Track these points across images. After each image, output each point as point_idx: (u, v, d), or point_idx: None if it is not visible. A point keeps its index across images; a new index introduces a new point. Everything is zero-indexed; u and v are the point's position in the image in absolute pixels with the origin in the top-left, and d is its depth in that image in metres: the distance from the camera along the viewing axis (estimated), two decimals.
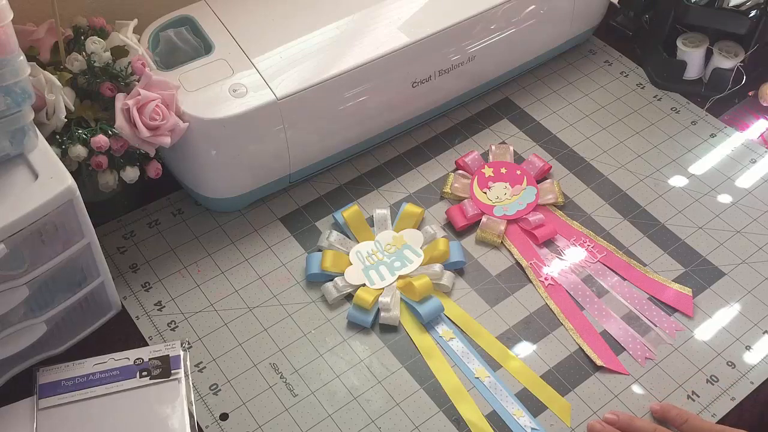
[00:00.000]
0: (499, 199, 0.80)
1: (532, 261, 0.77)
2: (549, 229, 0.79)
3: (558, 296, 0.74)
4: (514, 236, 0.79)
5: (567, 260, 0.77)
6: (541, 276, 0.76)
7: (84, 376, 0.66)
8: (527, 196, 0.81)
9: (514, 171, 0.83)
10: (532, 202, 0.80)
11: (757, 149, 0.89)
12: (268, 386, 0.68)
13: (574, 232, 0.79)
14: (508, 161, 0.84)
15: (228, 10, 0.78)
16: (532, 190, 0.81)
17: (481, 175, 0.82)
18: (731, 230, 0.81)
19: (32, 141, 0.60)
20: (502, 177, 0.82)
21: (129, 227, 0.78)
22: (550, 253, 0.78)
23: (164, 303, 0.73)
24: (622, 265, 0.77)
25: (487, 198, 0.80)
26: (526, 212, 0.80)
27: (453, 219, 0.79)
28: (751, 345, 0.72)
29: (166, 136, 0.69)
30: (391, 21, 0.79)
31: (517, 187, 0.81)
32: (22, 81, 0.56)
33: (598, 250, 0.78)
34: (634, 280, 0.76)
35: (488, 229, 0.78)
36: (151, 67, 0.71)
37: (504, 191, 0.81)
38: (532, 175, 0.82)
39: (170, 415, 0.64)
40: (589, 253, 0.78)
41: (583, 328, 0.72)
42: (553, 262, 0.77)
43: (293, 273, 0.76)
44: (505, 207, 0.80)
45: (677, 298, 0.75)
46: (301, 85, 0.73)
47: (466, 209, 0.79)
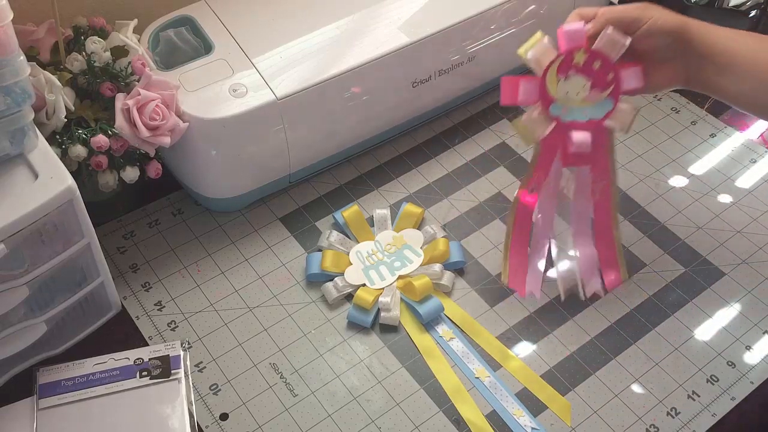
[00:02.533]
0: (567, 97, 0.66)
1: (540, 173, 0.69)
2: (584, 158, 0.68)
3: (522, 216, 0.71)
4: (548, 145, 0.68)
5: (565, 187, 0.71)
6: (530, 186, 0.69)
7: (84, 376, 0.66)
8: (597, 110, 0.67)
9: (606, 74, 0.66)
10: (597, 120, 0.67)
11: (757, 149, 0.89)
12: (268, 386, 0.68)
13: (602, 173, 0.70)
14: (612, 56, 0.65)
15: (228, 10, 0.78)
16: (607, 106, 0.67)
17: (568, 57, 0.65)
18: (731, 230, 0.81)
19: (32, 141, 0.60)
20: (589, 71, 0.66)
21: (129, 227, 0.78)
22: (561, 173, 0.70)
23: (164, 303, 0.73)
24: (601, 221, 0.72)
25: (555, 88, 0.66)
26: (582, 126, 0.67)
27: (503, 90, 0.66)
28: (751, 345, 0.72)
29: (166, 136, 0.69)
30: (391, 21, 0.79)
31: (595, 92, 0.66)
32: (22, 81, 0.56)
33: (601, 194, 0.71)
34: (598, 234, 0.73)
35: (531, 125, 0.67)
36: (151, 67, 0.71)
37: (578, 90, 0.66)
38: (620, 90, 0.66)
39: (170, 415, 0.64)
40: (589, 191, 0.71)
41: (518, 250, 0.71)
42: (551, 182, 0.70)
43: (293, 273, 0.76)
44: (565, 108, 0.66)
45: (610, 271, 0.73)
46: (301, 85, 0.73)
47: (524, 89, 0.66)
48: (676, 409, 0.68)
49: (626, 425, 0.66)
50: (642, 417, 0.67)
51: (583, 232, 0.73)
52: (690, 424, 0.67)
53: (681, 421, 0.67)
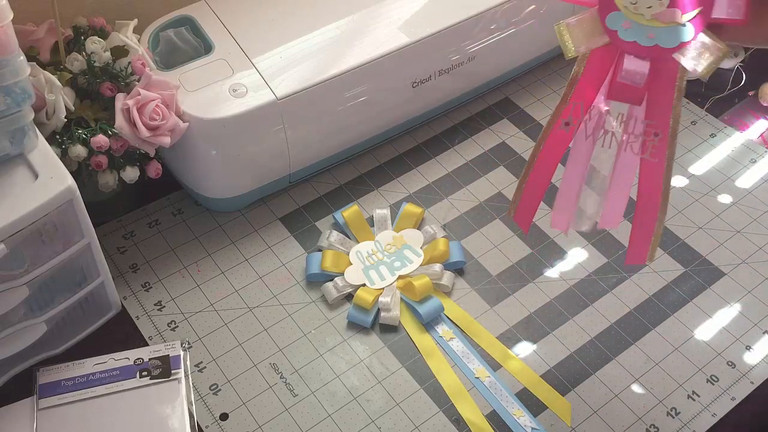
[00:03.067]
0: (635, 8, 0.52)
1: (578, 102, 0.56)
2: (635, 94, 0.54)
3: (549, 152, 0.58)
4: (594, 64, 0.55)
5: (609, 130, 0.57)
6: (565, 117, 0.56)
7: (84, 376, 0.66)
8: (669, 36, 0.52)
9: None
10: (665, 48, 0.52)
11: (757, 149, 0.89)
12: (268, 386, 0.68)
13: (659, 121, 0.56)
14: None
15: (228, 10, 0.78)
16: (684, 33, 0.52)
17: None
18: (731, 230, 0.81)
19: (32, 141, 0.60)
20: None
21: (129, 227, 0.78)
22: (603, 110, 0.57)
23: (164, 303, 0.73)
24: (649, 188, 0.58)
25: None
26: (642, 52, 0.53)
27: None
28: (751, 345, 0.72)
29: (166, 136, 0.69)
30: (391, 21, 0.79)
31: (672, 12, 0.52)
32: (22, 81, 0.56)
33: (652, 151, 0.57)
34: (640, 204, 0.59)
35: (577, 32, 0.54)
36: (151, 67, 0.71)
37: (653, 2, 0.52)
38: (710, 15, 0.51)
39: (170, 415, 0.64)
40: (637, 143, 0.57)
41: (533, 191, 0.60)
42: (595, 118, 0.57)
43: (293, 273, 0.76)
44: (627, 22, 0.53)
45: (637, 246, 0.61)
46: (301, 85, 0.73)
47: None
48: (676, 409, 0.68)
49: (626, 425, 0.66)
50: (642, 417, 0.67)
51: (622, 187, 0.60)
52: (690, 424, 0.67)
53: (681, 421, 0.67)
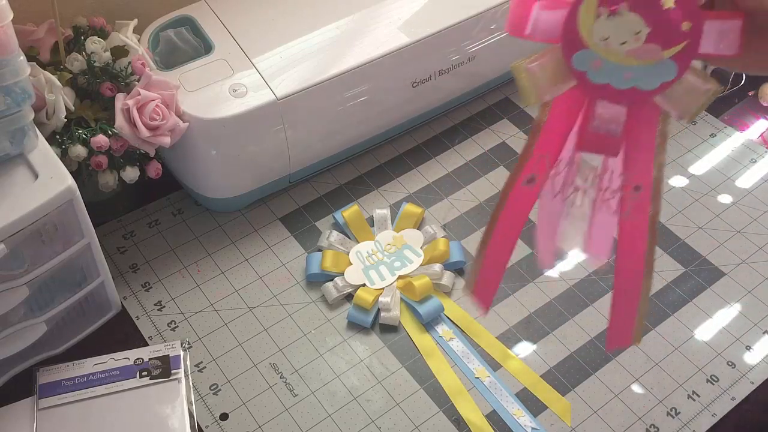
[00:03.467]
0: (606, 44, 0.43)
1: (543, 154, 0.47)
2: (609, 144, 0.46)
3: (512, 214, 0.49)
4: (560, 111, 0.46)
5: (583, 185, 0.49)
6: (528, 173, 0.47)
7: (84, 376, 0.66)
8: (648, 75, 0.43)
9: (679, 19, 0.42)
10: (645, 91, 0.44)
11: (757, 149, 0.89)
12: (268, 386, 0.68)
13: (639, 174, 0.47)
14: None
15: (228, 10, 0.78)
16: (666, 71, 0.43)
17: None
18: (731, 230, 0.81)
19: (32, 141, 0.60)
20: (650, 10, 0.42)
21: (129, 227, 0.78)
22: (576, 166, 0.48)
23: (164, 303, 0.73)
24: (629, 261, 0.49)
25: (589, 27, 0.43)
26: (617, 95, 0.44)
27: (511, 10, 0.44)
28: (751, 345, 0.72)
29: (166, 136, 0.69)
30: (391, 21, 0.79)
31: (651, 47, 0.42)
32: (22, 81, 0.56)
33: (633, 208, 0.48)
34: (618, 273, 0.50)
35: (539, 75, 0.45)
36: (151, 67, 0.71)
37: (626, 36, 0.42)
38: (696, 51, 0.42)
39: (170, 415, 0.64)
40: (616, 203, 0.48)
41: (495, 258, 0.51)
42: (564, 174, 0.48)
43: (293, 273, 0.76)
44: (598, 61, 0.43)
45: (620, 327, 0.51)
46: (301, 85, 0.73)
47: (540, 16, 0.44)
48: (676, 409, 0.68)
49: (626, 425, 0.66)
50: (642, 417, 0.67)
51: (600, 250, 0.52)
52: (690, 424, 0.67)
53: (681, 421, 0.67)
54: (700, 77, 0.44)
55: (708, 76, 0.44)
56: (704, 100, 0.44)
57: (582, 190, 0.49)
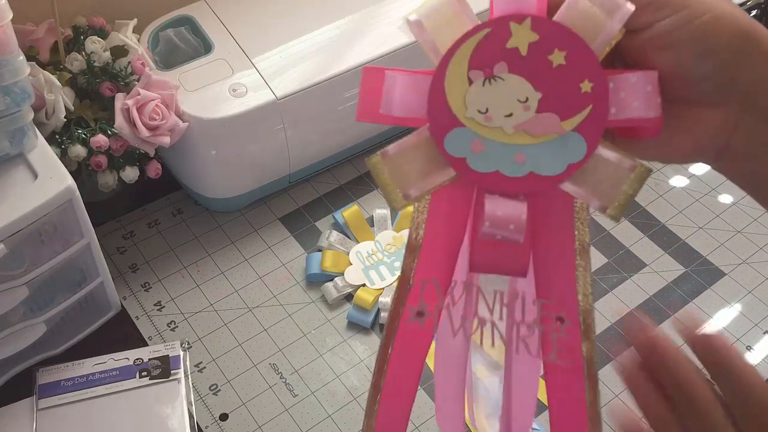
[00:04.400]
0: (488, 119, 0.33)
1: (428, 279, 0.37)
2: (510, 259, 0.35)
3: (404, 354, 0.40)
4: (439, 216, 0.37)
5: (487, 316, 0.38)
6: (415, 304, 0.37)
7: (83, 377, 0.65)
8: (549, 155, 0.33)
9: (577, 80, 0.33)
10: (547, 176, 0.34)
11: None
12: (268, 386, 0.68)
13: (559, 297, 0.37)
14: (593, 40, 0.32)
15: (228, 10, 0.78)
16: (572, 149, 0.33)
17: (500, 33, 0.33)
18: (732, 230, 0.81)
19: (32, 141, 0.60)
20: (540, 72, 0.33)
21: (129, 227, 0.78)
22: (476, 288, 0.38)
23: (164, 303, 0.73)
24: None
25: (462, 98, 0.34)
26: (511, 186, 0.34)
27: (362, 89, 0.36)
28: (752, 345, 0.72)
29: (166, 136, 0.68)
30: (391, 21, 0.79)
31: (547, 118, 0.33)
32: (22, 81, 0.56)
33: (559, 348, 0.37)
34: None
35: (403, 169, 0.36)
36: (151, 66, 0.71)
37: (512, 106, 0.33)
38: (605, 116, 0.33)
39: (170, 415, 0.64)
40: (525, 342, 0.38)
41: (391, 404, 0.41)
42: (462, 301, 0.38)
43: (293, 273, 0.76)
44: (479, 142, 0.33)
45: None
46: (301, 85, 0.73)
47: (397, 90, 0.36)
48: None
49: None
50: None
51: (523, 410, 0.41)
52: None
53: None
54: (620, 153, 0.33)
55: (628, 154, 0.33)
56: (631, 184, 0.33)
57: (489, 324, 0.37)
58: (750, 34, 0.34)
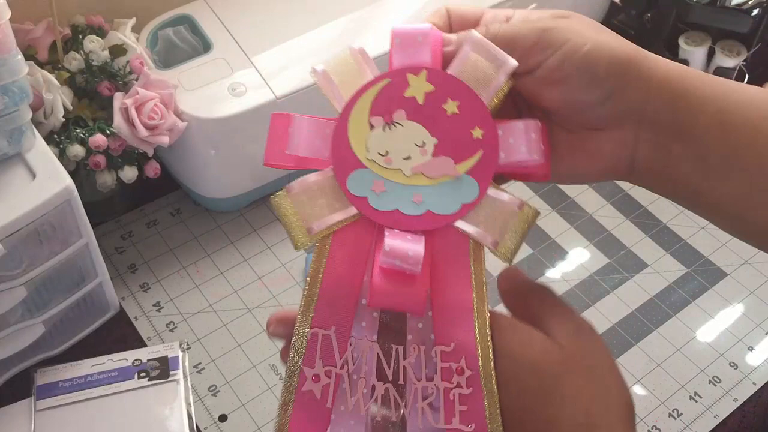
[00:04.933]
0: (388, 161, 0.36)
1: (326, 331, 0.36)
2: (412, 291, 0.35)
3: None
4: (340, 257, 0.37)
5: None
6: (311, 364, 0.36)
7: (82, 378, 0.65)
8: (445, 196, 0.36)
9: (468, 126, 0.36)
10: (442, 215, 0.36)
11: None
12: (267, 387, 0.67)
13: (461, 338, 0.36)
14: (482, 90, 0.36)
15: (227, 9, 0.78)
16: (465, 190, 0.36)
17: (397, 84, 0.38)
18: None
19: (30, 140, 0.60)
20: (435, 119, 0.36)
21: (127, 227, 0.78)
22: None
23: (163, 303, 0.72)
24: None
25: (364, 142, 0.36)
26: (409, 224, 0.36)
27: (270, 135, 0.38)
28: (753, 346, 0.72)
29: (165, 136, 0.68)
30: (391, 20, 0.79)
31: (442, 161, 0.36)
32: (20, 80, 0.56)
33: (462, 410, 0.35)
34: None
35: (306, 207, 0.37)
36: (150, 66, 0.71)
37: (410, 151, 0.36)
38: (494, 161, 0.36)
39: (169, 416, 0.64)
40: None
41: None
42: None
43: (293, 273, 0.75)
44: (379, 184, 0.36)
45: None
46: (300, 84, 0.73)
47: (302, 134, 0.37)
48: (678, 411, 0.67)
49: None
50: (644, 418, 0.67)
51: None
52: (692, 425, 0.66)
53: (683, 422, 0.66)
54: (509, 195, 0.36)
55: (517, 197, 0.35)
56: (519, 225, 0.35)
57: (390, 390, 0.35)
58: (631, 58, 0.37)
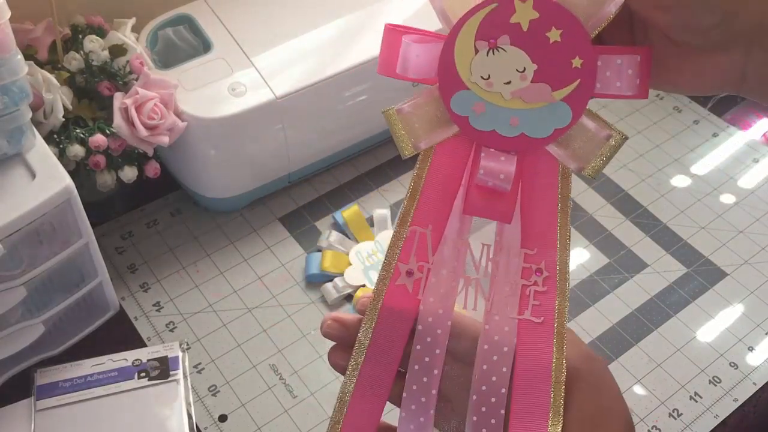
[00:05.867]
0: (489, 84, 0.37)
1: (423, 229, 0.40)
2: (500, 205, 0.38)
3: (386, 330, 0.41)
4: (442, 166, 0.40)
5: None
6: (406, 260, 0.40)
7: (82, 378, 0.65)
8: (538, 119, 0.38)
9: (569, 55, 0.36)
10: (535, 138, 0.38)
11: (759, 149, 0.88)
12: (268, 387, 0.67)
13: (543, 247, 0.39)
14: (587, 19, 0.36)
15: (227, 9, 0.78)
16: (559, 115, 0.37)
17: (504, 8, 0.36)
18: (734, 230, 0.80)
19: (30, 140, 0.60)
20: (537, 45, 0.36)
21: (127, 227, 0.78)
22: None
23: (163, 303, 0.72)
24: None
25: (468, 65, 0.37)
26: (504, 144, 0.38)
27: (383, 46, 0.39)
28: (753, 346, 0.72)
29: (165, 136, 0.68)
30: (392, 20, 0.78)
31: (539, 87, 0.37)
32: (20, 80, 0.56)
33: (535, 303, 0.39)
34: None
35: (414, 122, 0.40)
36: (150, 65, 0.71)
37: (511, 75, 0.37)
38: (590, 91, 0.37)
39: (169, 416, 0.63)
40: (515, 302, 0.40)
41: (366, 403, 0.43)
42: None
43: (292, 273, 0.75)
44: (480, 105, 0.38)
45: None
46: (300, 84, 0.73)
47: (411, 52, 0.39)
48: (678, 411, 0.67)
49: None
50: (644, 418, 0.67)
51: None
52: (692, 425, 0.66)
53: (683, 422, 0.66)
54: (600, 123, 0.38)
55: (607, 123, 0.37)
56: (605, 151, 0.37)
57: (474, 283, 0.39)
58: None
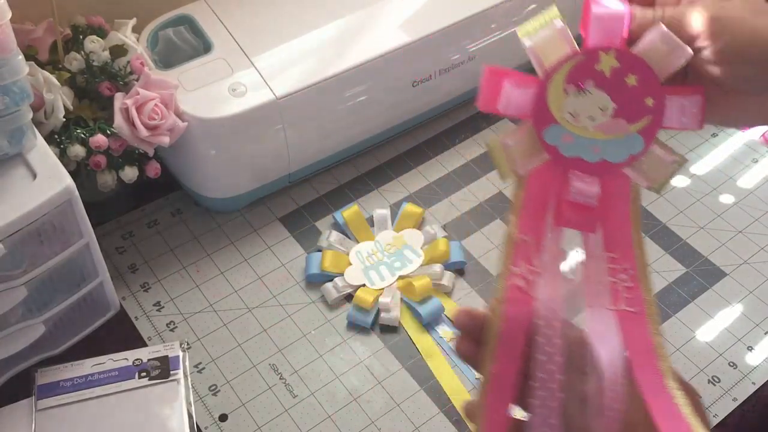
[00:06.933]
0: (575, 119, 0.44)
1: (527, 237, 0.46)
2: (587, 217, 0.46)
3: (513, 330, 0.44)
4: (535, 187, 0.46)
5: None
6: (517, 264, 0.45)
7: (83, 377, 0.65)
8: (616, 148, 0.45)
9: (643, 96, 0.44)
10: (613, 163, 0.45)
11: (758, 149, 0.88)
12: (268, 387, 0.67)
13: (622, 253, 0.47)
14: (660, 70, 0.43)
15: (227, 9, 0.78)
16: (633, 145, 0.45)
17: (591, 59, 0.43)
18: (733, 230, 0.81)
19: (30, 140, 0.60)
20: (617, 88, 0.44)
21: (128, 227, 0.78)
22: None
23: (163, 303, 0.72)
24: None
25: (559, 103, 0.44)
26: (589, 168, 0.45)
27: (483, 87, 0.44)
28: (752, 346, 0.72)
29: (165, 136, 0.68)
30: (392, 20, 0.79)
31: (618, 122, 0.44)
32: (21, 80, 0.56)
33: (627, 296, 0.46)
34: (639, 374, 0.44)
35: (512, 151, 0.45)
36: (150, 66, 0.71)
37: (594, 112, 0.44)
38: (659, 125, 0.44)
39: (169, 416, 0.64)
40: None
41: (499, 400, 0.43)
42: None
43: (293, 273, 0.75)
44: (568, 136, 0.45)
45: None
46: (300, 84, 0.73)
47: (511, 93, 0.44)
48: None
49: None
50: None
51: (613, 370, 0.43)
52: None
53: None
54: (666, 150, 0.46)
55: (672, 149, 0.46)
56: (671, 171, 0.46)
57: (573, 284, 0.46)
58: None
